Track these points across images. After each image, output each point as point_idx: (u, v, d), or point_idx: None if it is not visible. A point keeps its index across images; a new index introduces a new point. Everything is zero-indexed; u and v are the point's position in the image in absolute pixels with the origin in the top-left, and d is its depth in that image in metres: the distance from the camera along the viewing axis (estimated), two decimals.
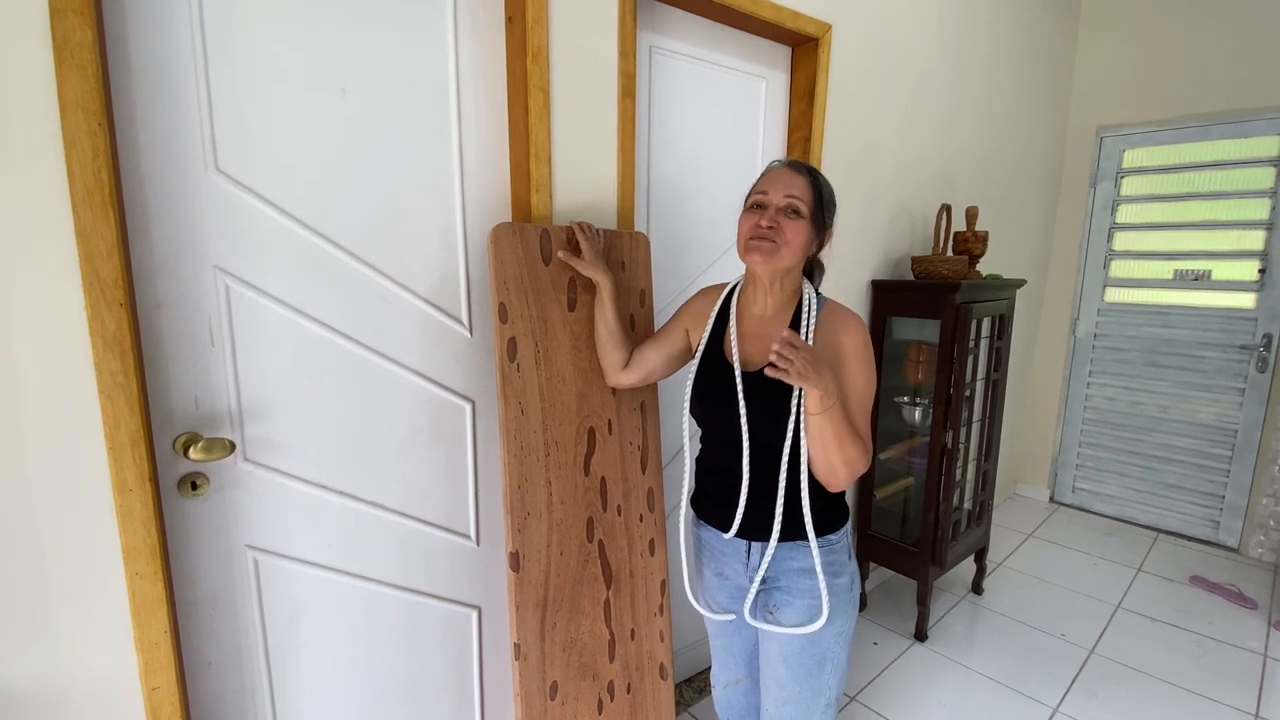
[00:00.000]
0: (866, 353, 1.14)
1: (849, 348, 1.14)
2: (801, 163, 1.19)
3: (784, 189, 1.14)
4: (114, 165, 0.95)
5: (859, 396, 1.13)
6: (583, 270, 1.34)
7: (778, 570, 1.21)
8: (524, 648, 1.32)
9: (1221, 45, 2.98)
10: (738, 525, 1.20)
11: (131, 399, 0.96)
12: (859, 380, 1.13)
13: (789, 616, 1.20)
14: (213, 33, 1.05)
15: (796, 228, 1.13)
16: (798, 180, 1.15)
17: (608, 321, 1.34)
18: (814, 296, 1.19)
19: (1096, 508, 3.55)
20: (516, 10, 1.34)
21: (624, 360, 1.37)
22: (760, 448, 1.15)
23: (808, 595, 1.18)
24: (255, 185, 1.12)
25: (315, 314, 1.20)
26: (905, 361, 2.47)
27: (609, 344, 1.36)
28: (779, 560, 1.20)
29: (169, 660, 1.04)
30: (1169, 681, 2.14)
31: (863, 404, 1.13)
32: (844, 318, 1.17)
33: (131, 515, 0.98)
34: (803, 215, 1.14)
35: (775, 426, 1.13)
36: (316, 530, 1.26)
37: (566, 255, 1.34)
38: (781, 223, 1.13)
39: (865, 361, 1.14)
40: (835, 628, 1.19)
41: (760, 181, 1.19)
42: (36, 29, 0.86)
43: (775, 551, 1.20)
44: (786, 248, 1.13)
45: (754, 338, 1.21)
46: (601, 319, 1.36)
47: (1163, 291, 3.23)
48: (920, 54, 2.37)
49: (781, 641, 1.22)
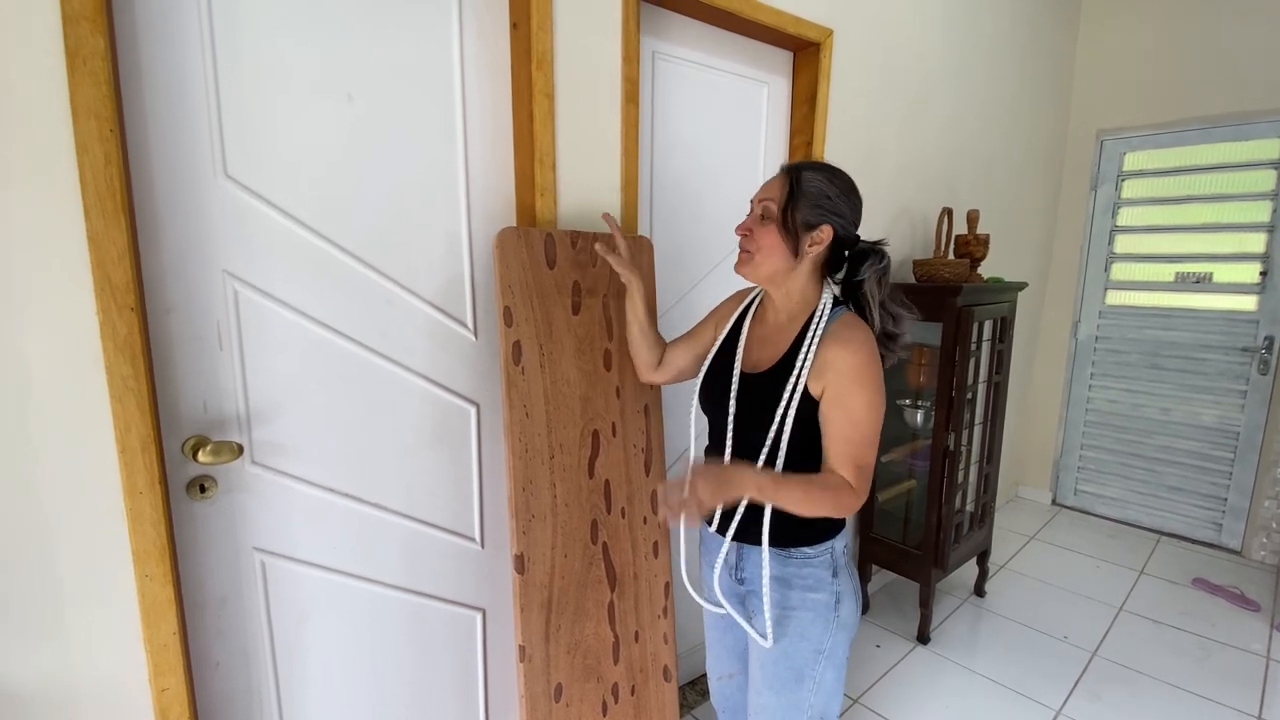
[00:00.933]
0: (864, 373, 1.04)
1: (841, 366, 1.04)
2: (796, 163, 1.15)
3: (762, 193, 1.14)
4: (125, 171, 0.96)
5: (852, 421, 1.05)
6: (618, 268, 1.33)
7: (753, 574, 1.18)
8: (529, 650, 1.33)
9: (1222, 48, 2.98)
10: (717, 521, 1.20)
11: (142, 403, 0.97)
12: (853, 403, 1.04)
13: (759, 623, 1.18)
14: (222, 40, 1.06)
15: (763, 232, 1.11)
16: (775, 182, 1.13)
17: (640, 321, 1.36)
18: (828, 305, 1.12)
19: (1098, 510, 3.55)
20: (521, 16, 1.35)
21: (657, 360, 1.38)
22: (743, 446, 1.15)
23: (776, 606, 1.15)
24: (263, 190, 1.13)
25: (322, 318, 1.21)
26: (907, 364, 2.47)
27: (642, 343, 1.37)
28: (754, 565, 1.18)
29: (178, 661, 1.05)
30: (1172, 684, 2.14)
31: (856, 429, 1.05)
32: (847, 334, 1.07)
33: (141, 518, 0.99)
34: (770, 217, 1.11)
35: (759, 429, 1.11)
36: (323, 533, 1.26)
37: (604, 250, 1.33)
38: (754, 230, 1.12)
39: (862, 382, 1.04)
40: (813, 644, 1.15)
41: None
42: (49, 36, 0.87)
43: (750, 554, 1.18)
44: (759, 254, 1.12)
45: (764, 342, 1.19)
46: (634, 319, 1.37)
47: (1164, 294, 3.23)
48: (921, 58, 2.38)
49: (758, 648, 1.20)
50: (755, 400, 1.14)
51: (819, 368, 1.07)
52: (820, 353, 1.08)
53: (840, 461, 1.06)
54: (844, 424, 1.06)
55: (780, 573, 1.15)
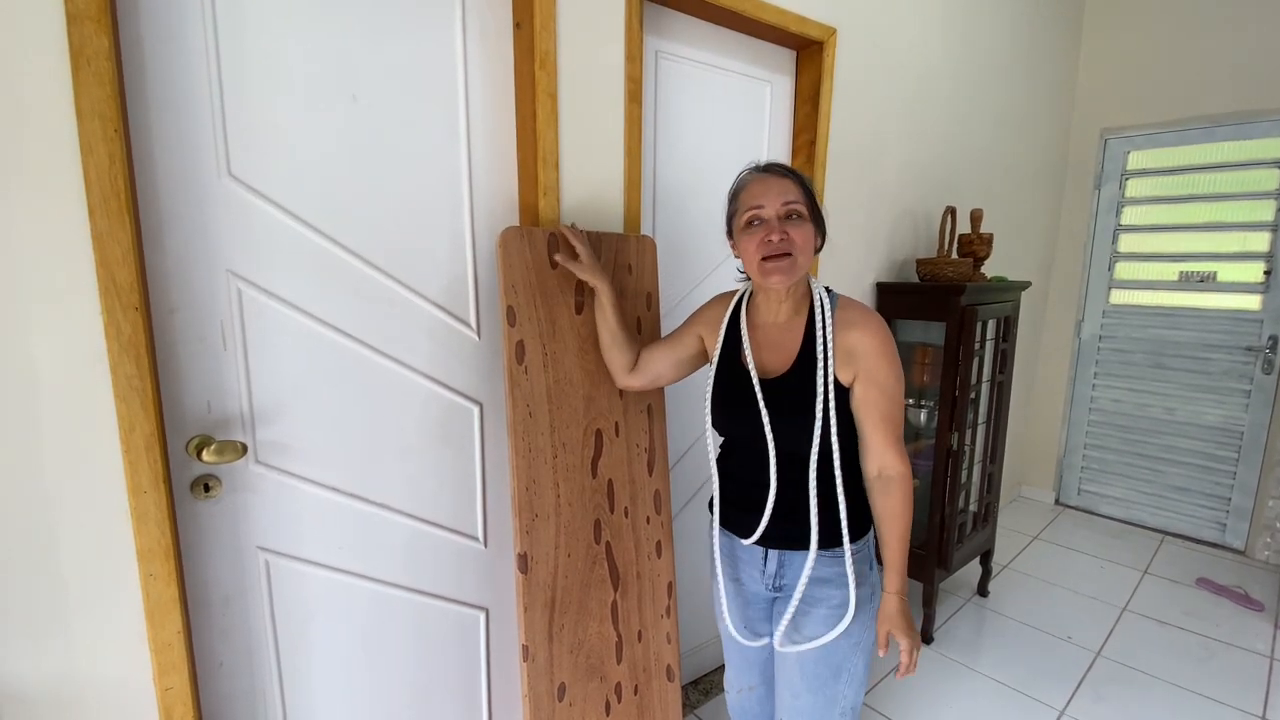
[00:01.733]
0: (888, 348, 1.11)
1: (870, 347, 1.09)
2: (777, 164, 1.16)
3: (778, 196, 1.10)
4: (129, 171, 0.96)
5: (890, 394, 1.10)
6: (580, 274, 1.32)
7: (794, 579, 1.18)
8: (532, 649, 1.33)
9: (1225, 46, 2.98)
10: (760, 533, 1.17)
11: (146, 402, 0.97)
12: (887, 379, 1.10)
13: (809, 626, 1.18)
14: (226, 40, 1.06)
15: (804, 233, 1.10)
16: (786, 184, 1.11)
17: (609, 324, 1.34)
18: (825, 295, 1.15)
19: (1102, 510, 3.54)
20: (524, 16, 1.35)
21: (630, 362, 1.36)
22: (787, 455, 1.13)
23: (826, 604, 1.16)
24: (267, 190, 1.13)
25: (326, 317, 1.22)
26: (910, 364, 2.47)
27: (612, 346, 1.35)
28: (795, 568, 1.17)
29: (182, 661, 1.05)
30: (1176, 684, 2.14)
31: (893, 403, 1.11)
32: (859, 317, 1.12)
33: (146, 517, 0.99)
34: (805, 217, 1.11)
35: (802, 431, 1.10)
36: (326, 532, 1.27)
37: (565, 259, 1.32)
38: (790, 233, 1.09)
39: (889, 358, 1.10)
40: (853, 638, 1.18)
41: (745, 195, 1.14)
42: (54, 37, 0.87)
43: (793, 560, 1.18)
44: (802, 255, 1.10)
45: (770, 345, 1.18)
46: (603, 322, 1.35)
47: (1168, 293, 3.23)
48: (924, 57, 2.38)
49: (791, 654, 1.20)
50: (786, 404, 1.12)
51: (844, 354, 1.10)
52: (840, 339, 1.10)
53: (885, 442, 1.11)
54: (882, 400, 1.10)
55: (824, 573, 1.16)
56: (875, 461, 1.12)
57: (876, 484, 1.13)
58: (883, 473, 1.11)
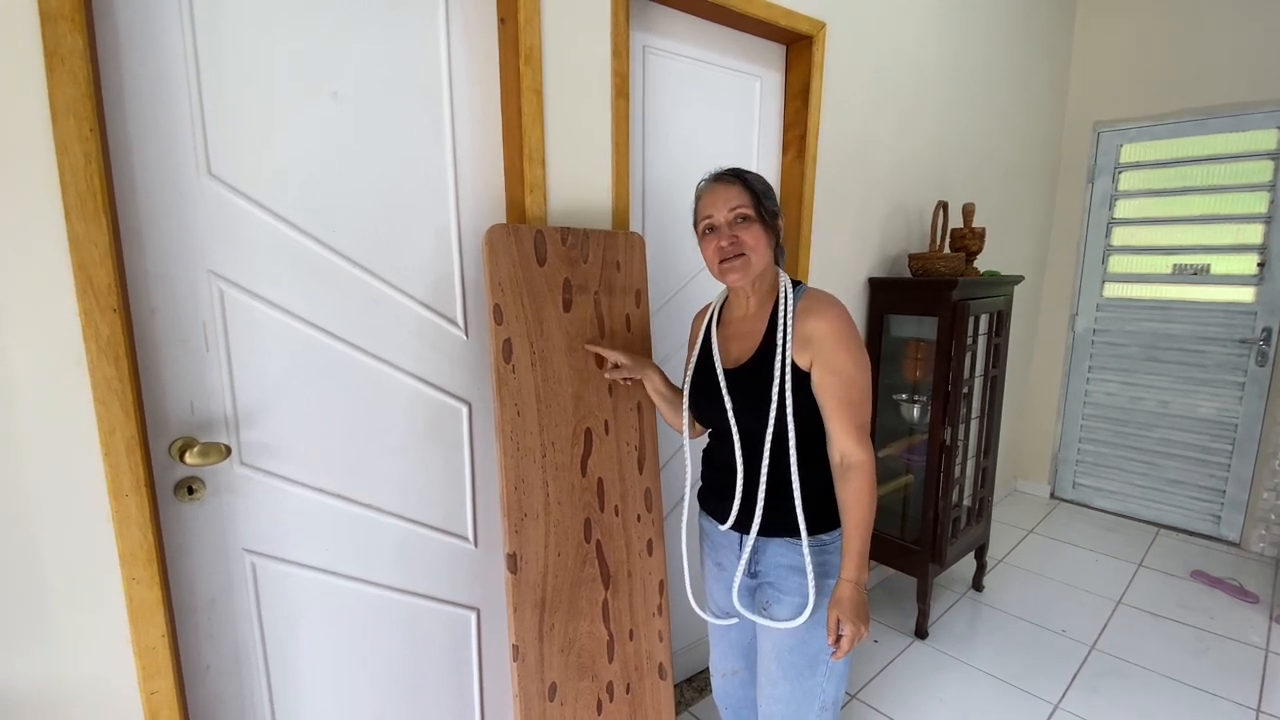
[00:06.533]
0: (845, 333, 1.12)
1: (823, 331, 1.12)
2: (726, 171, 1.22)
3: (725, 204, 1.18)
4: (106, 171, 0.95)
5: (847, 380, 1.11)
6: (631, 375, 1.40)
7: (768, 565, 1.23)
8: (522, 649, 1.32)
9: (1218, 38, 2.97)
10: (733, 518, 1.23)
11: (126, 404, 0.96)
12: (844, 365, 1.11)
13: (779, 613, 1.22)
14: (204, 38, 1.05)
15: (753, 233, 1.17)
16: (732, 190, 1.18)
17: (666, 399, 1.40)
18: (789, 287, 1.20)
19: (1097, 503, 3.55)
20: (509, 11, 1.34)
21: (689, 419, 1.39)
22: (749, 438, 1.19)
23: (796, 593, 1.20)
24: (248, 190, 1.12)
25: (310, 317, 1.21)
26: (903, 359, 2.47)
27: (672, 414, 1.40)
28: (770, 556, 1.22)
29: (167, 664, 1.05)
30: (1170, 677, 2.14)
31: (851, 386, 1.11)
32: (818, 304, 1.16)
33: (128, 520, 0.98)
34: (752, 218, 1.17)
35: (758, 418, 1.16)
36: (314, 533, 1.26)
37: (613, 372, 1.40)
38: (739, 235, 1.16)
39: (844, 343, 1.12)
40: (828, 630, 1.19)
41: (700, 205, 1.23)
42: (27, 36, 0.86)
43: (766, 547, 1.22)
44: (754, 254, 1.17)
45: (739, 335, 1.25)
46: (659, 400, 1.42)
47: (1162, 286, 3.22)
48: (915, 51, 2.37)
49: (774, 638, 1.23)
50: (747, 389, 1.18)
51: (802, 339, 1.14)
52: (799, 326, 1.15)
53: (845, 429, 1.12)
54: (838, 386, 1.12)
55: (798, 562, 1.19)
56: (837, 449, 1.14)
57: (838, 471, 1.15)
58: (844, 460, 1.13)
